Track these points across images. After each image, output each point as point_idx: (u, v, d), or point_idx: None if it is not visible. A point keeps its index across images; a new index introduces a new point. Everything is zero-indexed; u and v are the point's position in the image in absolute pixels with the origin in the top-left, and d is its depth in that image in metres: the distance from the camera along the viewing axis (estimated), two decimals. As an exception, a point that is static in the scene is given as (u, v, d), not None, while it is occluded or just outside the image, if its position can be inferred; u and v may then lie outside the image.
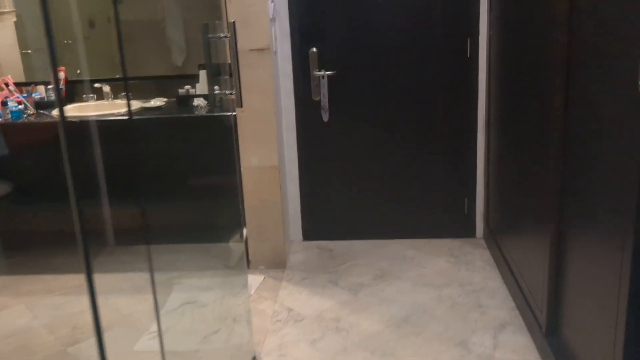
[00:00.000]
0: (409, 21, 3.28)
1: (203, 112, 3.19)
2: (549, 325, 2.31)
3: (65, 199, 1.06)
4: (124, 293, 3.14)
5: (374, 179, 3.53)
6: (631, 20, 1.53)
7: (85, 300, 1.16)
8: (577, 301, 2.06)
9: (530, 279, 2.56)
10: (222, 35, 2.06)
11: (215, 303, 2.98)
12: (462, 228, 3.58)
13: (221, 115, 2.84)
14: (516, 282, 2.79)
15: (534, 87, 2.43)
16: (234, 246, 3.41)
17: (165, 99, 3.51)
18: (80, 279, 3.30)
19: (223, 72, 2.38)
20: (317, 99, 3.37)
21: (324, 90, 3.33)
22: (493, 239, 3.31)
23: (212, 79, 2.42)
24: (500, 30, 3.03)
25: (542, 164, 2.30)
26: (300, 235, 3.64)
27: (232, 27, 1.98)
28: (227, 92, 2.21)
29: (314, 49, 3.31)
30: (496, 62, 3.12)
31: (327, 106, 3.35)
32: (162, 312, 2.91)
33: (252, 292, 3.04)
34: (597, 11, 1.78)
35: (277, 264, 3.28)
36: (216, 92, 2.29)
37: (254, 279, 3.17)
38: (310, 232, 3.63)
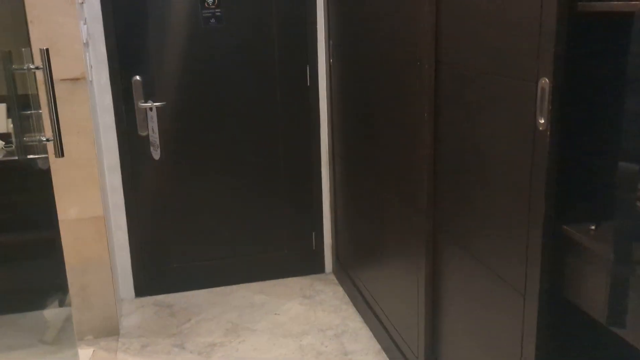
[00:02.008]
0: (245, 47, 3.01)
1: (0, 156, 2.58)
2: (427, 371, 2.17)
3: None
4: None
5: (214, 220, 3.18)
6: (521, 47, 1.43)
7: None
8: (462, 346, 1.94)
9: (398, 320, 2.43)
10: (31, 66, 1.61)
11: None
12: (310, 264, 3.38)
13: (29, 159, 2.30)
14: (379, 321, 2.65)
15: (391, 118, 2.30)
16: (51, 315, 2.82)
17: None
18: None
19: (33, 105, 1.89)
20: (145, 134, 2.94)
21: (153, 124, 2.91)
22: (345, 273, 3.16)
23: (18, 116, 1.92)
24: (341, 58, 2.90)
25: (409, 200, 2.17)
26: (132, 292, 3.14)
27: (45, 56, 1.53)
28: (43, 139, 1.74)
29: (138, 77, 2.89)
30: (338, 92, 2.99)
31: (157, 142, 2.94)
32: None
33: (80, 372, 2.50)
34: (477, 37, 1.67)
35: (108, 331, 2.76)
36: (27, 139, 1.80)
37: (82, 354, 2.62)
38: (144, 286, 3.15)
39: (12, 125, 2.47)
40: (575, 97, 1.35)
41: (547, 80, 1.33)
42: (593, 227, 1.34)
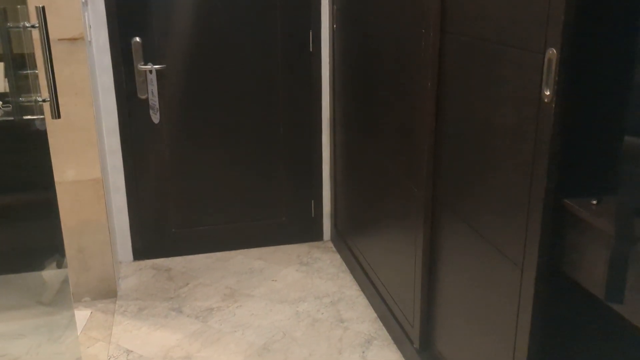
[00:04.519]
0: (247, 11, 2.95)
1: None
2: (422, 340, 2.18)
3: None
4: None
5: (213, 186, 3.17)
6: (530, 16, 1.39)
7: None
8: (458, 316, 1.94)
9: (395, 289, 2.43)
10: (27, 24, 1.57)
11: (30, 354, 2.41)
12: (309, 232, 3.38)
13: (26, 120, 2.27)
14: (375, 289, 2.66)
15: (394, 87, 2.27)
16: (49, 276, 2.83)
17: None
18: None
19: (30, 65, 1.86)
20: (144, 97, 2.91)
21: (153, 87, 2.88)
22: (343, 242, 3.16)
23: (14, 75, 1.89)
24: (345, 23, 2.85)
25: (410, 172, 2.15)
26: (130, 255, 3.15)
27: (41, 13, 1.49)
28: (39, 99, 1.71)
29: (137, 39, 2.84)
30: (341, 58, 2.94)
31: (157, 105, 2.90)
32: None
33: (78, 333, 2.52)
34: (484, 6, 1.63)
35: (105, 293, 2.78)
36: (22, 99, 1.78)
37: (79, 316, 2.64)
38: (142, 250, 3.16)
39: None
40: (582, 69, 1.32)
41: (554, 50, 1.29)
42: (595, 202, 1.32)
